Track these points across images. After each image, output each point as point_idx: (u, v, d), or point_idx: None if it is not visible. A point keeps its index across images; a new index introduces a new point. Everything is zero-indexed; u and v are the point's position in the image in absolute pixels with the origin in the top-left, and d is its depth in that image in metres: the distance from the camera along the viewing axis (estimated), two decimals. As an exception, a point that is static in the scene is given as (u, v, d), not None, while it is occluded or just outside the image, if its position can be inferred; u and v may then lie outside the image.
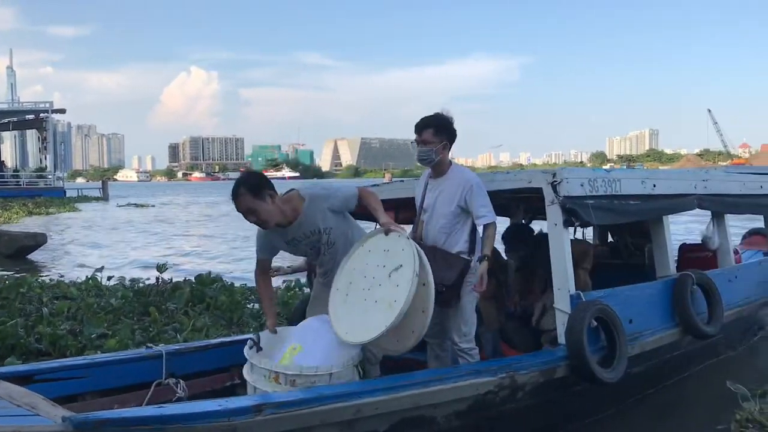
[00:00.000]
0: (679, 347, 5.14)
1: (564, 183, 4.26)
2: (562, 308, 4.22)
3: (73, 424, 2.60)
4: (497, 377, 3.72)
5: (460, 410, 3.59)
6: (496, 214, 5.66)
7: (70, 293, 8.38)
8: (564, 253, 4.27)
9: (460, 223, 4.18)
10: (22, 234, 16.76)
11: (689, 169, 7.55)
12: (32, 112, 58.34)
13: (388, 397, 3.26)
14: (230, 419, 2.83)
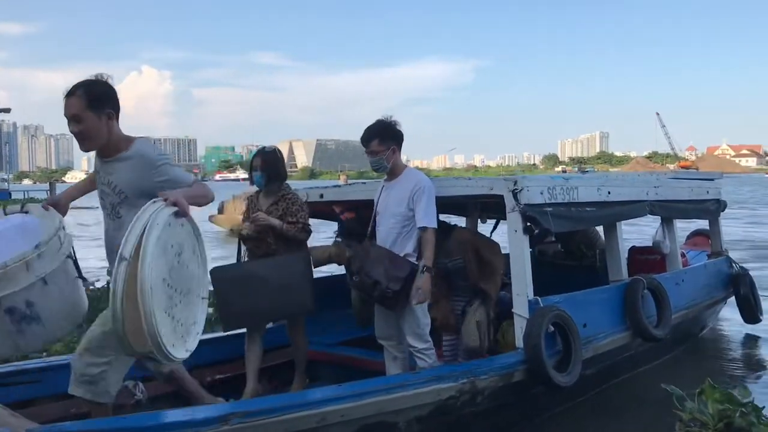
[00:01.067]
0: (629, 349, 5.27)
1: (525, 191, 4.35)
2: (520, 313, 4.30)
3: None
4: (458, 383, 3.80)
5: (422, 415, 3.65)
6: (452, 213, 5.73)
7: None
8: (523, 259, 4.35)
9: (409, 225, 4.20)
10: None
11: (641, 175, 7.73)
12: (-25, 111, 56.69)
13: (352, 404, 3.32)
14: (197, 430, 2.83)
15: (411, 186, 4.20)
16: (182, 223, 2.95)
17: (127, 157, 3.22)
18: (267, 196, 4.84)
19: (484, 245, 4.82)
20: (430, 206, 4.18)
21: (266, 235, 4.65)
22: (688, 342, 6.71)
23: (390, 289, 4.04)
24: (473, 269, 4.65)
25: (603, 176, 7.30)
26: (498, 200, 4.48)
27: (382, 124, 4.33)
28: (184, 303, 2.90)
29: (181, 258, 2.91)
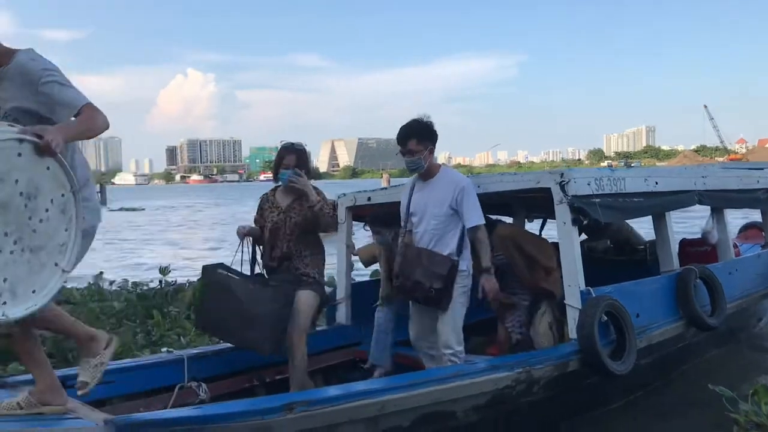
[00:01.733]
0: (683, 339, 5.23)
1: (572, 183, 4.39)
2: (572, 304, 4.34)
3: (116, 426, 2.75)
4: (514, 372, 3.87)
5: (479, 405, 3.73)
6: (498, 213, 5.69)
7: (72, 297, 8.38)
8: (573, 251, 4.39)
9: (451, 225, 4.18)
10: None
11: (688, 166, 7.62)
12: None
13: (410, 393, 3.41)
14: (263, 417, 2.97)
15: (452, 186, 4.19)
16: (48, 166, 2.56)
17: (8, 73, 2.84)
18: (287, 193, 4.64)
19: (526, 240, 4.84)
20: (476, 204, 4.19)
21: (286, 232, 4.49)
22: (743, 334, 6.60)
23: (433, 288, 4.05)
24: (519, 265, 4.68)
25: (650, 169, 7.24)
26: (545, 194, 4.50)
27: (420, 123, 4.28)
28: (21, 259, 2.51)
29: (31, 204, 2.52)
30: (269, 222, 4.58)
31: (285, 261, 4.53)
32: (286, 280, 4.46)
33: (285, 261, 4.53)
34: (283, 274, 4.52)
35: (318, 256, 4.64)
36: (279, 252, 4.53)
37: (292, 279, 4.48)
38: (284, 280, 4.46)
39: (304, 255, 4.54)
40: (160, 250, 19.30)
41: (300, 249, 4.53)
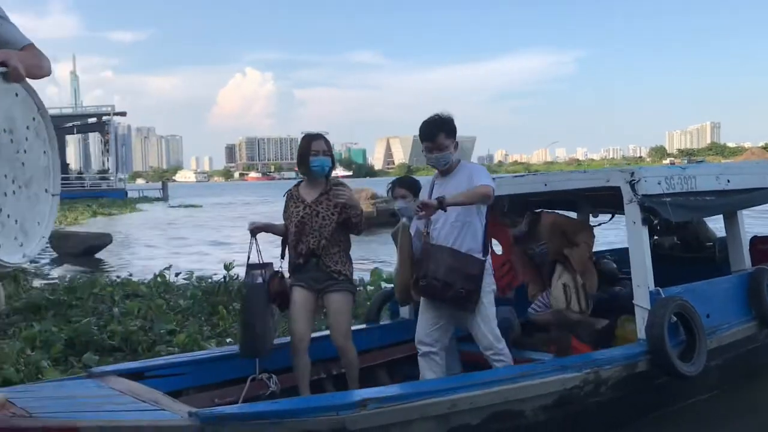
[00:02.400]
0: (755, 341, 5.11)
1: (642, 182, 4.35)
2: (641, 304, 4.29)
3: (200, 418, 2.85)
4: (582, 372, 3.87)
5: (547, 404, 3.74)
6: (563, 209, 5.59)
7: (140, 291, 8.64)
8: (643, 251, 4.33)
9: (471, 217, 4.00)
10: (89, 234, 17.44)
11: (761, 162, 7.38)
12: (95, 115, 60.24)
13: (480, 392, 3.46)
14: (338, 413, 3.06)
15: (467, 174, 4.06)
16: (16, 92, 2.43)
17: None
18: (311, 187, 4.42)
19: (570, 224, 4.79)
20: (488, 175, 4.05)
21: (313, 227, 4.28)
22: None
23: (464, 289, 3.91)
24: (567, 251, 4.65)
25: (722, 166, 7.04)
26: (614, 192, 4.46)
27: (445, 118, 4.09)
28: (22, 196, 2.44)
29: (14, 136, 2.41)
30: (294, 217, 4.35)
31: (312, 258, 4.30)
32: (314, 278, 4.29)
33: (312, 258, 4.30)
34: (311, 272, 4.31)
35: (345, 253, 4.40)
36: (305, 248, 4.30)
37: (322, 277, 4.29)
38: (312, 278, 4.29)
39: (333, 252, 4.30)
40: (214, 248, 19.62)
41: (328, 246, 4.28)
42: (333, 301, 4.26)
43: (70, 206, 39.09)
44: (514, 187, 5.04)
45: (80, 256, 16.09)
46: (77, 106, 72.52)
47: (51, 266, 14.46)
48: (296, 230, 4.31)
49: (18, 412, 2.76)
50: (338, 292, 4.26)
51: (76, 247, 16.36)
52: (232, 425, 2.92)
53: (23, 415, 2.74)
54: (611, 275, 6.71)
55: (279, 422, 2.99)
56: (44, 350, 5.68)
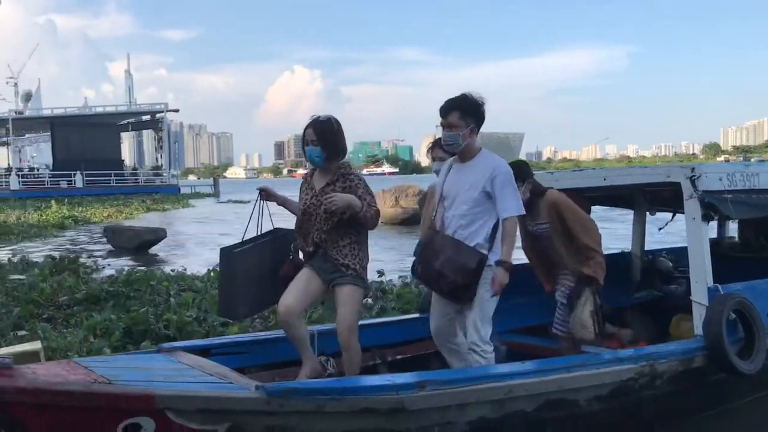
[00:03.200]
0: None
1: (703, 177, 4.33)
2: (699, 300, 4.28)
3: (267, 391, 2.99)
4: (638, 365, 3.91)
5: (601, 395, 3.79)
6: (618, 205, 5.50)
7: (194, 285, 8.86)
8: (702, 247, 4.32)
9: (483, 212, 3.85)
10: (144, 229, 17.86)
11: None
12: (149, 113, 61.44)
13: (537, 379, 3.55)
14: (398, 393, 3.17)
15: (489, 170, 3.85)
16: None
17: None
18: (322, 174, 4.20)
19: (567, 207, 4.45)
20: (515, 192, 3.86)
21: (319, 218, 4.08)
22: None
23: (456, 281, 3.79)
24: (557, 238, 4.43)
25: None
26: (673, 189, 4.45)
27: (468, 98, 3.91)
28: None
29: None
30: (303, 205, 4.19)
31: (319, 248, 4.13)
32: (323, 269, 4.12)
33: (319, 248, 4.13)
34: (319, 261, 4.14)
35: (358, 246, 4.13)
36: (312, 239, 4.13)
37: (329, 268, 4.10)
38: (321, 269, 4.13)
39: (342, 245, 4.07)
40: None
41: (336, 238, 4.07)
42: (338, 294, 4.07)
43: (124, 202, 40.13)
44: (573, 181, 5.03)
45: (135, 250, 16.53)
46: (131, 104, 74.08)
47: (107, 259, 14.86)
48: (303, 218, 4.18)
49: (98, 379, 2.92)
50: (345, 285, 4.06)
51: (131, 241, 16.80)
52: (296, 399, 3.03)
53: (103, 381, 2.90)
54: (667, 273, 6.63)
55: (340, 399, 3.09)
56: (104, 338, 5.90)
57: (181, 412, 2.86)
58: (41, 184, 51.44)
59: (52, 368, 3.06)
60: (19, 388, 2.65)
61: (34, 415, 2.69)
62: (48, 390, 2.70)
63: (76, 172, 50.67)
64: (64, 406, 2.72)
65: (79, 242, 20.08)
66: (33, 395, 2.66)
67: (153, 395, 2.83)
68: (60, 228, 24.51)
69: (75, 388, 2.76)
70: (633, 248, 6.65)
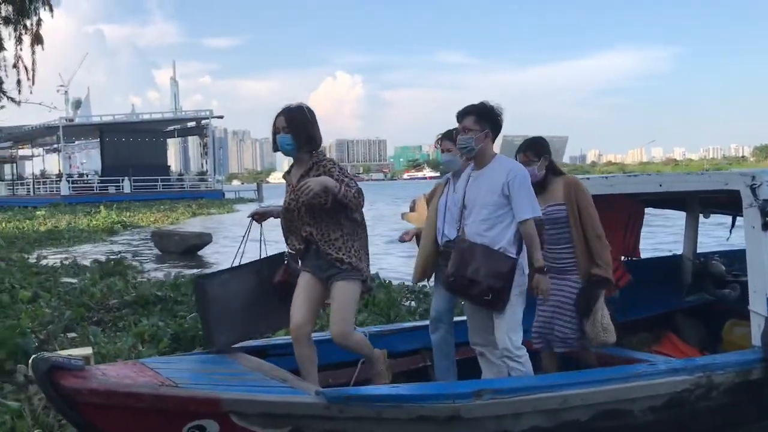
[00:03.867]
0: None
1: (764, 186, 4.23)
2: (758, 311, 4.17)
3: (327, 397, 3.04)
4: (694, 376, 3.85)
5: (656, 405, 3.75)
6: (669, 207, 5.38)
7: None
8: (761, 256, 4.21)
9: (504, 216, 3.86)
10: (191, 234, 18.17)
11: None
12: (194, 119, 62.42)
13: (591, 390, 3.54)
14: (454, 402, 3.20)
15: (504, 173, 3.88)
16: None
17: None
18: (297, 167, 4.06)
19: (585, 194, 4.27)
20: (530, 194, 3.85)
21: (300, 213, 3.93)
22: None
23: (492, 287, 3.77)
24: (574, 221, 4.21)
25: None
26: (732, 196, 4.35)
27: (483, 105, 3.99)
28: None
29: None
30: (285, 203, 4.03)
31: (311, 245, 3.96)
32: (318, 267, 3.97)
33: (311, 245, 3.96)
34: (313, 260, 3.98)
35: (351, 238, 3.93)
36: (300, 235, 3.97)
37: (324, 265, 3.93)
38: (316, 266, 3.98)
39: (333, 238, 3.89)
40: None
41: (326, 231, 3.90)
42: (335, 290, 3.90)
43: (171, 206, 40.85)
44: (628, 186, 4.98)
45: (182, 254, 16.83)
46: (177, 111, 75.45)
47: (155, 263, 15.13)
48: (285, 216, 4.04)
49: (165, 382, 3.00)
50: (341, 281, 3.88)
51: (178, 245, 17.14)
52: (355, 405, 3.08)
53: (170, 384, 2.98)
54: (719, 277, 6.46)
55: (398, 406, 3.14)
56: (153, 344, 5.97)
57: (245, 415, 2.94)
58: (90, 189, 52.68)
59: (120, 369, 3.16)
60: (92, 390, 2.77)
61: (104, 415, 2.80)
62: (118, 392, 2.81)
63: (124, 178, 51.74)
64: (133, 407, 2.82)
65: (128, 246, 20.50)
66: (104, 396, 2.78)
67: (219, 399, 2.91)
68: (109, 232, 25.10)
69: (144, 390, 2.86)
70: (684, 251, 6.54)
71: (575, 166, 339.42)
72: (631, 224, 5.79)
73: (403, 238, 4.81)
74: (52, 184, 54.62)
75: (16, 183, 61.29)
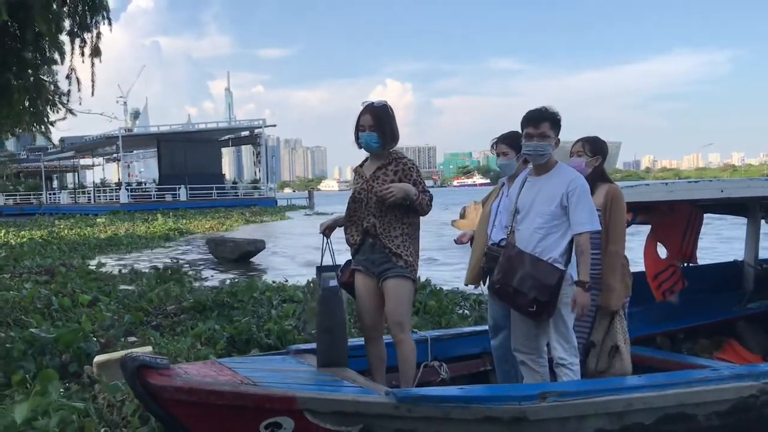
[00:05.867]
0: None
1: None
2: None
3: (396, 397, 3.15)
4: (760, 382, 3.80)
5: (721, 411, 3.72)
6: (731, 213, 5.31)
7: (295, 296, 9.07)
8: None
9: (558, 226, 3.81)
10: (245, 240, 18.42)
11: None
12: (248, 128, 63.45)
13: (656, 393, 3.54)
14: (520, 403, 3.26)
15: (566, 183, 3.80)
16: None
17: None
18: (373, 161, 4.10)
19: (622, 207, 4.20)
20: (590, 207, 3.79)
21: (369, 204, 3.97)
22: None
23: (537, 299, 3.74)
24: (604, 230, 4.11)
25: None
26: None
27: (553, 111, 3.88)
28: None
29: None
30: (354, 194, 4.08)
31: (368, 238, 4.00)
32: (371, 261, 4.00)
33: (368, 238, 4.00)
34: (367, 253, 4.02)
35: (410, 239, 4.02)
36: (360, 227, 4.02)
37: (378, 259, 3.98)
38: (370, 261, 4.01)
39: (394, 235, 3.95)
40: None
41: (388, 227, 3.95)
42: (389, 287, 3.94)
43: (225, 214, 41.57)
44: (689, 192, 4.91)
45: (236, 261, 17.11)
46: (231, 120, 76.83)
47: (210, 270, 15.43)
48: (352, 207, 4.06)
49: (244, 380, 3.17)
50: (396, 278, 3.93)
51: (232, 252, 17.42)
52: (423, 405, 3.16)
53: (248, 383, 3.14)
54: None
55: (465, 407, 3.21)
56: (210, 346, 6.11)
57: (318, 413, 3.07)
58: (148, 197, 53.98)
59: (201, 368, 3.35)
60: (177, 387, 2.95)
61: (187, 411, 2.98)
62: (202, 389, 2.98)
63: (180, 186, 52.87)
64: (214, 404, 2.98)
65: (183, 253, 20.97)
66: (188, 394, 2.96)
67: (295, 397, 3.05)
68: (166, 239, 25.69)
69: (225, 388, 3.02)
70: (746, 257, 6.43)
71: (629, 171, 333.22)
72: (690, 230, 5.70)
73: (460, 240, 4.81)
74: (112, 192, 56.16)
75: (77, 191, 63.21)
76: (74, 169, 68.43)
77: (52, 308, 8.16)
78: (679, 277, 5.46)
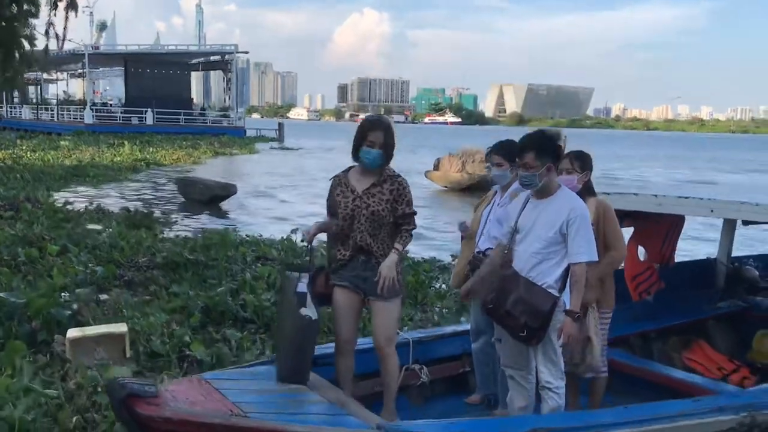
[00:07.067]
0: None
1: None
2: None
3: (386, 430, 3.13)
4: (739, 416, 3.81)
5: None
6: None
7: (270, 254, 9.03)
8: None
9: (556, 252, 3.80)
10: (215, 184, 18.17)
11: None
12: (219, 53, 61.95)
13: (639, 429, 3.53)
14: None
15: (566, 210, 3.78)
16: None
17: None
18: (363, 175, 4.03)
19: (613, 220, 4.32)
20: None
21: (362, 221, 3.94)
22: None
23: (528, 325, 3.74)
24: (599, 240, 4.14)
25: None
26: None
27: (543, 137, 3.88)
28: None
29: None
30: (343, 209, 3.98)
31: (361, 254, 3.98)
32: (362, 278, 3.99)
33: (361, 254, 3.98)
34: (357, 270, 3.99)
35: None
36: (353, 243, 3.97)
37: (373, 276, 3.94)
38: (359, 278, 3.99)
39: (388, 252, 3.98)
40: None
41: (382, 244, 3.98)
42: (379, 303, 3.97)
43: (193, 143, 40.90)
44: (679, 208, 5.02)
45: (206, 203, 17.00)
46: (201, 41, 74.72)
47: (179, 213, 15.28)
48: (345, 223, 3.97)
49: (235, 410, 3.12)
50: (389, 297, 3.96)
51: (202, 194, 17.28)
52: None
53: (239, 413, 3.11)
54: (753, 283, 6.41)
55: None
56: (185, 321, 6.05)
57: None
58: (114, 119, 52.73)
59: (188, 391, 3.28)
60: (166, 418, 2.91)
61: None
62: (191, 421, 2.95)
63: (147, 110, 51.66)
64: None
65: (152, 191, 20.74)
66: (178, 424, 2.92)
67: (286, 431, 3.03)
68: (132, 171, 25.36)
69: (216, 421, 2.99)
70: (719, 254, 6.48)
71: (599, 119, 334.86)
72: (671, 235, 5.75)
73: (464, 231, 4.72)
74: (76, 111, 54.71)
75: (40, 107, 61.40)
76: (36, 82, 66.11)
77: (19, 260, 8.03)
78: (656, 278, 5.54)
